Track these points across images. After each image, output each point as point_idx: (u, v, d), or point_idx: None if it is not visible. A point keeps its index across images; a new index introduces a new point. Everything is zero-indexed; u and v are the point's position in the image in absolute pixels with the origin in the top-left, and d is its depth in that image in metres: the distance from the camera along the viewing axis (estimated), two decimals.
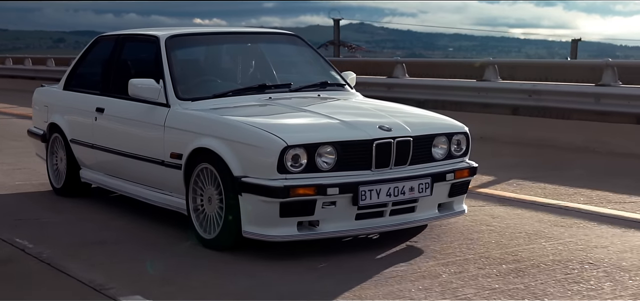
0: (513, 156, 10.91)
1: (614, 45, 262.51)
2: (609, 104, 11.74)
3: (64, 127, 8.09)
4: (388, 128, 5.91)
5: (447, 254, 5.85)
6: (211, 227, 6.02)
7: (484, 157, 8.95)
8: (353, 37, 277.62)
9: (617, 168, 9.82)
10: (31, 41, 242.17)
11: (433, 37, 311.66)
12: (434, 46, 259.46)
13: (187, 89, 6.68)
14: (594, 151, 11.17)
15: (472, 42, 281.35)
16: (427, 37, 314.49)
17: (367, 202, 5.73)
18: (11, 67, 30.17)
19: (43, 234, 6.61)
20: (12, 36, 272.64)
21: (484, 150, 10.25)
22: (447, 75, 16.61)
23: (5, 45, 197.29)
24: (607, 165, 10.07)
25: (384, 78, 15.59)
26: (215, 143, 5.91)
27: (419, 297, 4.90)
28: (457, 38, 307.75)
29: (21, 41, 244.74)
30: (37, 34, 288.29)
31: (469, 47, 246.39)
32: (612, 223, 6.81)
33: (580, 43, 46.27)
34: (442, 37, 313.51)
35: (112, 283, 5.16)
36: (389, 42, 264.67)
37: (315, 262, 5.67)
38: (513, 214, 7.19)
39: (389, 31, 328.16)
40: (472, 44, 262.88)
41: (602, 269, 5.45)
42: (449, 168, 6.19)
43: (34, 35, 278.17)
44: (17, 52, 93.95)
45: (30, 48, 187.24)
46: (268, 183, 5.53)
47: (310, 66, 7.66)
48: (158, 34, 7.09)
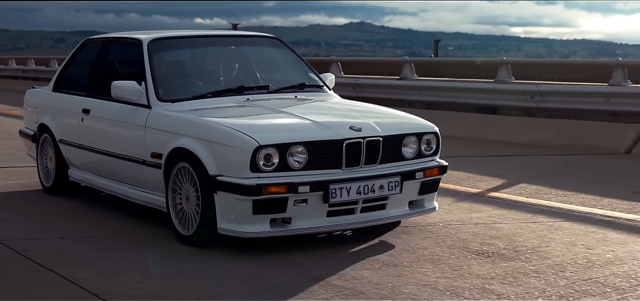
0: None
1: (614, 44, 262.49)
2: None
3: (53, 128, 8.34)
4: (358, 129, 6.15)
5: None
6: (189, 224, 6.26)
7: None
8: (353, 36, 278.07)
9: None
10: (32, 41, 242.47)
11: (434, 36, 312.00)
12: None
13: (167, 91, 6.93)
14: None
15: (472, 40, 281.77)
16: (427, 35, 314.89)
17: (338, 199, 5.97)
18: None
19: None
20: (13, 36, 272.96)
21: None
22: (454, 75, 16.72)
23: (6, 46, 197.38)
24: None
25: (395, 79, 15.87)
26: (192, 143, 6.16)
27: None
28: (457, 37, 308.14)
29: (22, 41, 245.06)
30: (38, 34, 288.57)
31: (469, 46, 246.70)
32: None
33: (580, 41, 46.62)
34: (442, 36, 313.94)
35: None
36: (389, 41, 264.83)
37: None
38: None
39: (390, 30, 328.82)
40: (472, 43, 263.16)
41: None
42: (419, 167, 6.42)
43: (35, 36, 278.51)
44: (18, 52, 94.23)
45: (31, 48, 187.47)
46: (241, 182, 5.77)
47: (291, 68, 7.89)
48: (141, 37, 7.33)
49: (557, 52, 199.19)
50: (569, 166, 10.42)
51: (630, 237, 6.49)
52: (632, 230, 6.74)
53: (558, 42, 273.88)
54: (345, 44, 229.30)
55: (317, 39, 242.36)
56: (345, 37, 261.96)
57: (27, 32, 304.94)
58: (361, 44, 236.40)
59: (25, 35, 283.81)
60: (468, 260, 5.81)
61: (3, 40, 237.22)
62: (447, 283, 5.25)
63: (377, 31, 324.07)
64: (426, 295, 5.03)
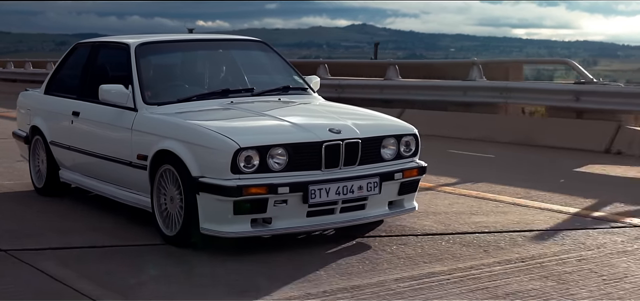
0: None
1: (616, 45, 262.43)
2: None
3: (44, 130, 8.50)
4: (338, 131, 6.30)
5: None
6: (173, 225, 6.42)
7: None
8: (355, 38, 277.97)
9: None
10: (34, 44, 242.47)
11: (435, 38, 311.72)
12: (435, 47, 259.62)
13: (154, 94, 7.09)
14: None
15: (474, 42, 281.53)
16: (429, 37, 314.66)
17: (317, 200, 6.12)
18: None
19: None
20: (14, 39, 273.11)
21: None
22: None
23: (7, 48, 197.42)
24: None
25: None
26: (176, 146, 6.32)
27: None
28: (459, 38, 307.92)
29: (24, 44, 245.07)
30: (39, 37, 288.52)
31: (470, 48, 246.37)
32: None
33: (582, 43, 47.11)
34: (444, 38, 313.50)
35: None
36: (390, 43, 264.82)
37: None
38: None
39: (391, 32, 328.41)
40: (473, 45, 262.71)
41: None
42: (398, 168, 6.57)
43: (37, 38, 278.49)
44: (19, 55, 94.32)
45: (32, 51, 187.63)
46: (222, 183, 5.92)
47: (276, 71, 8.04)
48: (129, 42, 7.50)
49: (559, 54, 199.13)
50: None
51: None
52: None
53: (560, 43, 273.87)
54: (346, 46, 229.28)
55: (319, 41, 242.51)
56: (347, 38, 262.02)
57: (29, 35, 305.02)
58: (363, 46, 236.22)
59: (27, 38, 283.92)
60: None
61: (4, 43, 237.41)
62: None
63: (379, 33, 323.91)
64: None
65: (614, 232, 6.84)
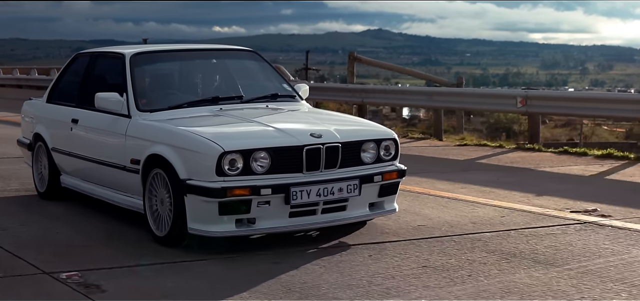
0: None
1: (633, 49, 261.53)
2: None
3: (46, 137, 8.88)
4: (319, 135, 6.62)
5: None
6: (163, 226, 6.76)
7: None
8: (371, 43, 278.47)
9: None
10: (51, 50, 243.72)
11: (451, 43, 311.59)
12: (452, 52, 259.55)
13: (147, 102, 7.44)
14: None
15: (490, 47, 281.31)
16: (445, 42, 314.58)
17: (299, 201, 6.45)
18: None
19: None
20: (32, 46, 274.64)
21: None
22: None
23: (25, 55, 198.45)
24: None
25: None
26: (165, 150, 6.67)
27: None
28: (475, 43, 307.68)
29: (41, 51, 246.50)
30: (56, 43, 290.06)
31: (486, 53, 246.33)
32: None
33: (599, 47, 47.48)
34: (460, 43, 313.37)
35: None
36: (406, 48, 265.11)
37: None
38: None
39: (407, 37, 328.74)
40: (489, 49, 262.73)
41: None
42: (377, 171, 6.88)
43: (54, 45, 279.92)
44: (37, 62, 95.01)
45: (49, 57, 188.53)
46: (208, 185, 6.27)
47: (266, 80, 8.37)
48: (124, 52, 7.85)
49: (574, 58, 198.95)
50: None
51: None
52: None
53: (576, 48, 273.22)
54: (362, 51, 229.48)
55: (335, 46, 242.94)
56: (363, 44, 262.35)
57: (46, 42, 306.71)
58: (378, 51, 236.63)
59: (44, 44, 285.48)
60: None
61: (22, 50, 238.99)
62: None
63: (395, 38, 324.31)
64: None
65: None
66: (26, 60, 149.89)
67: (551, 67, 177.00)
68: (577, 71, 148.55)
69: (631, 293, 5.34)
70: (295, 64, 69.41)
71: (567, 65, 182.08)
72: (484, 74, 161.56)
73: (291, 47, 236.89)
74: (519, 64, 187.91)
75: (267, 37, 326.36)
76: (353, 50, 22.21)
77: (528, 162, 11.94)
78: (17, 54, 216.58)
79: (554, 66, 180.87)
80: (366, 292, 5.43)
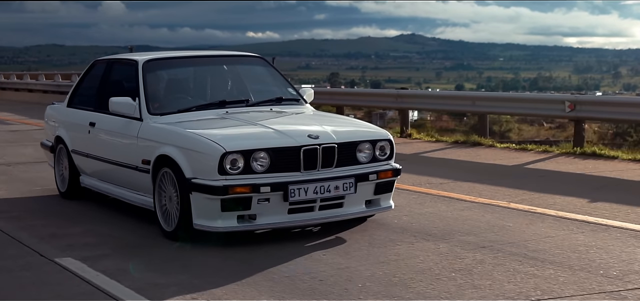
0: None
1: None
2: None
3: (67, 140, 9.38)
4: (316, 136, 7.05)
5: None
6: (171, 221, 7.21)
7: None
8: (404, 48, 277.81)
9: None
10: (86, 57, 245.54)
11: (485, 47, 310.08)
12: (485, 56, 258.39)
13: (157, 105, 7.91)
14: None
15: (523, 51, 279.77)
16: (479, 47, 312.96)
17: (297, 198, 6.87)
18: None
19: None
20: (68, 52, 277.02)
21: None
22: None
23: (61, 61, 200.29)
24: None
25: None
26: (173, 151, 7.13)
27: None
28: (509, 48, 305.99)
29: (77, 57, 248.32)
30: (92, 49, 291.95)
31: (519, 57, 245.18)
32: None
33: (634, 51, 47.04)
34: (493, 47, 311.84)
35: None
36: (439, 52, 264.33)
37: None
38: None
39: (441, 42, 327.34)
40: (523, 54, 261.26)
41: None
42: (372, 170, 7.29)
43: (89, 51, 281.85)
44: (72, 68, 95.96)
45: (85, 63, 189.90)
46: (211, 183, 6.71)
47: (272, 84, 8.81)
48: (138, 59, 8.31)
49: (607, 63, 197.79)
50: None
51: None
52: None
53: (610, 51, 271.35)
54: (394, 56, 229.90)
55: (367, 52, 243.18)
56: (396, 49, 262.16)
57: (82, 48, 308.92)
58: (411, 56, 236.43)
59: (79, 50, 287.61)
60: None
61: (58, 56, 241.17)
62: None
63: (428, 43, 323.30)
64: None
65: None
66: (62, 65, 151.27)
67: (584, 71, 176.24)
68: (609, 75, 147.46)
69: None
70: (329, 69, 69.61)
71: (600, 69, 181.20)
72: (515, 78, 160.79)
73: (324, 52, 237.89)
74: (552, 69, 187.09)
75: (300, 42, 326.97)
76: (386, 55, 22.24)
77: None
78: (53, 60, 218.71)
79: (586, 70, 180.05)
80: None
